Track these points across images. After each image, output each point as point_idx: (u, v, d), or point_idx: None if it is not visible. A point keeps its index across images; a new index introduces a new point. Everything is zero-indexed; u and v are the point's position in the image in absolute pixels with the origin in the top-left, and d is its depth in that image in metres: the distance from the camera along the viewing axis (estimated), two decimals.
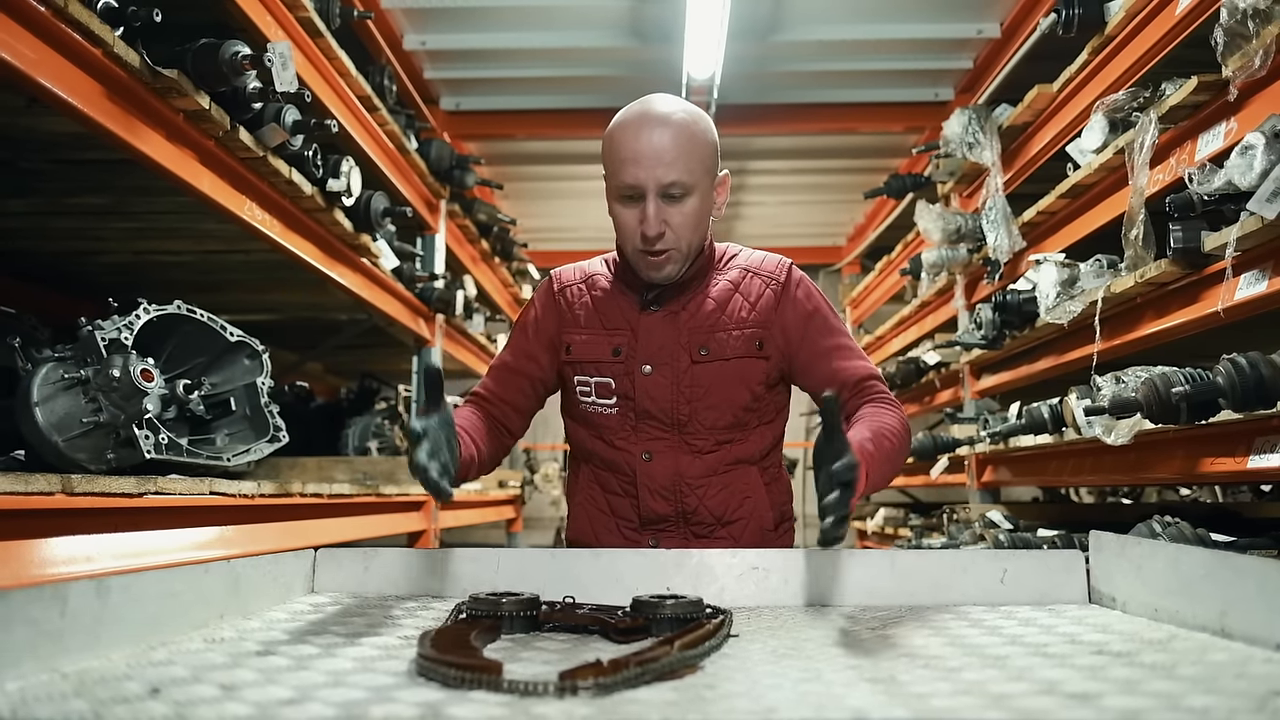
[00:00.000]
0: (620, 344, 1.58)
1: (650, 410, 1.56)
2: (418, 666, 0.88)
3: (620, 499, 1.61)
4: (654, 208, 1.47)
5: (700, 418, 1.56)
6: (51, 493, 1.51)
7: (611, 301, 1.62)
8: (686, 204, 1.50)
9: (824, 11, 4.06)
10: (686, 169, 1.47)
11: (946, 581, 1.34)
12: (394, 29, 4.04)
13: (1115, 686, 0.79)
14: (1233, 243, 2.05)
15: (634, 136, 1.48)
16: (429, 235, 4.14)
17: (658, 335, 1.57)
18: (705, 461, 1.57)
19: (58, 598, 0.89)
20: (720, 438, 1.57)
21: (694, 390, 1.55)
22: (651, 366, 1.56)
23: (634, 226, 1.50)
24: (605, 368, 1.58)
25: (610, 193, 1.54)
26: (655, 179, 1.46)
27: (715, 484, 1.57)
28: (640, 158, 1.46)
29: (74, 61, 1.67)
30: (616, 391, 1.58)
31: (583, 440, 1.64)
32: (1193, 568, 1.08)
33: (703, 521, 1.57)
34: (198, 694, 0.78)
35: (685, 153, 1.48)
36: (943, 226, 3.92)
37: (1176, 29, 2.46)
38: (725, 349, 1.56)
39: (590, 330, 1.62)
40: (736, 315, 1.58)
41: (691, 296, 1.60)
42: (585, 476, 1.66)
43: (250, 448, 2.27)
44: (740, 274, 1.62)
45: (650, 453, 1.57)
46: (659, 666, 0.83)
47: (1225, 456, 2.24)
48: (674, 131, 1.48)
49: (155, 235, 3.02)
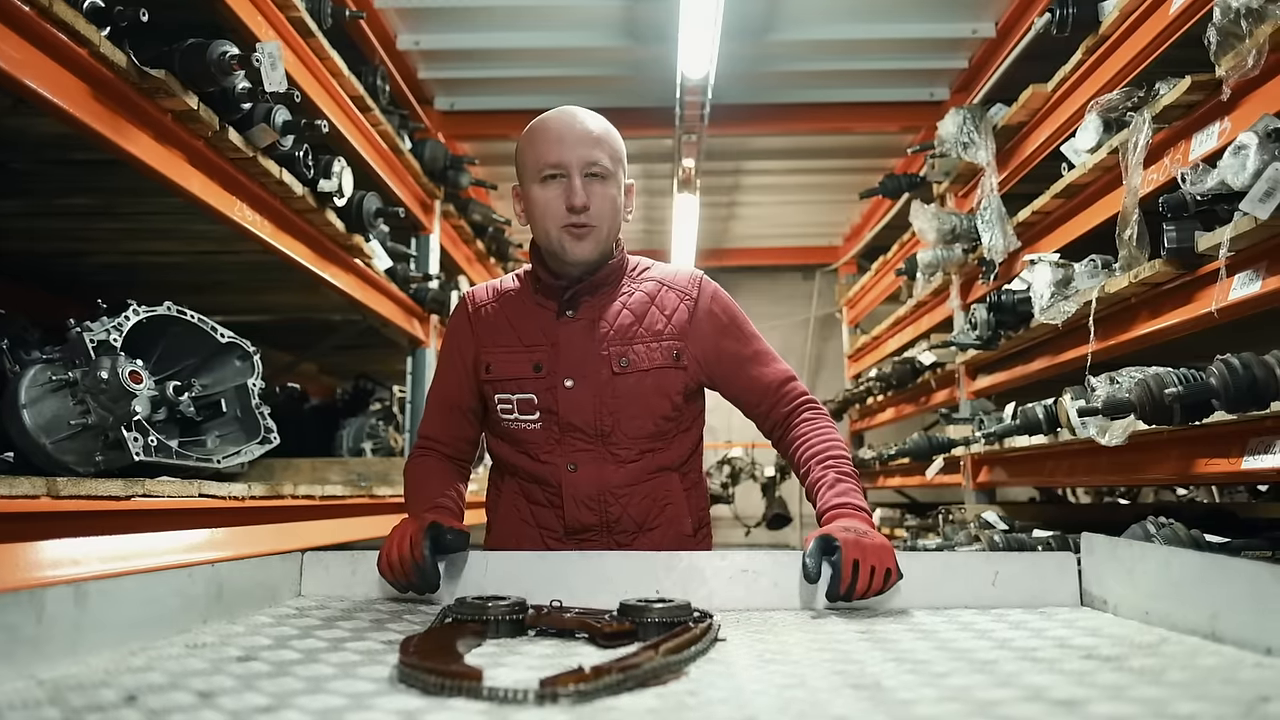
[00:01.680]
0: (540, 359, 1.60)
1: (574, 423, 1.58)
2: (399, 673, 0.87)
3: (544, 509, 1.62)
4: (579, 181, 1.55)
5: (623, 428, 1.59)
6: (36, 496, 1.49)
7: (528, 316, 1.65)
8: (607, 185, 1.58)
9: (818, 11, 4.05)
10: (607, 155, 1.57)
11: (938, 584, 1.33)
12: (387, 29, 4.03)
13: (1102, 692, 0.79)
14: (1226, 243, 2.05)
15: (557, 123, 1.58)
16: (423, 236, 4.13)
17: (577, 347, 1.59)
18: (629, 470, 1.60)
19: (34, 603, 0.88)
20: (643, 447, 1.60)
21: (615, 402, 1.58)
22: (573, 381, 1.58)
23: (558, 203, 1.56)
24: (527, 384, 1.60)
25: (529, 180, 1.59)
26: (579, 157, 1.55)
27: (638, 492, 1.60)
28: (565, 138, 1.56)
29: (60, 62, 1.66)
30: (539, 406, 1.60)
31: (506, 455, 1.66)
32: (1184, 570, 1.07)
33: (625, 529, 1.60)
34: (174, 701, 0.77)
35: (605, 141, 1.58)
36: (938, 226, 3.92)
37: (1170, 28, 2.45)
38: (644, 360, 1.60)
39: (508, 348, 1.63)
40: (653, 328, 1.62)
41: (607, 304, 1.63)
42: (509, 489, 1.67)
43: (241, 449, 2.26)
44: (655, 286, 1.67)
45: (575, 464, 1.59)
46: (642, 673, 0.83)
47: (1219, 457, 2.23)
48: (594, 123, 1.60)
49: (146, 236, 3.00)
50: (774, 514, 7.11)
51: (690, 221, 5.86)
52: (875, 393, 5.51)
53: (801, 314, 7.74)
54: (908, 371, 4.83)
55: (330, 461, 3.52)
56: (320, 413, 4.26)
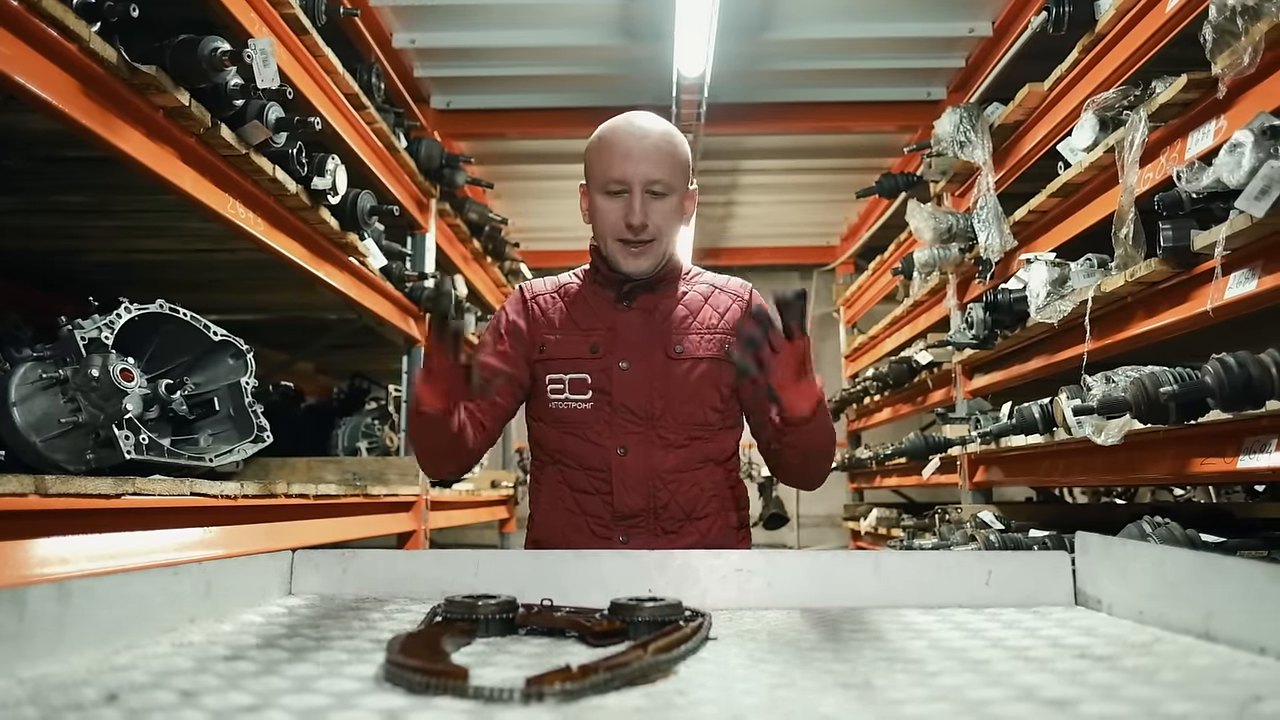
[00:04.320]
0: (597, 341, 1.66)
1: (627, 404, 1.62)
2: (385, 672, 0.86)
3: (590, 497, 1.65)
4: (639, 200, 1.60)
5: (673, 412, 1.63)
6: (24, 494, 1.48)
7: (585, 304, 1.71)
8: (667, 202, 1.63)
9: (815, 9, 4.05)
10: (669, 171, 1.62)
11: (931, 583, 1.33)
12: (383, 27, 4.02)
13: (1094, 692, 0.78)
14: (1222, 241, 2.04)
15: (625, 136, 1.62)
16: (419, 234, 4.12)
17: (634, 331, 1.65)
18: (678, 456, 1.64)
19: (15, 601, 0.87)
20: (692, 433, 1.65)
21: (668, 385, 1.63)
22: (628, 363, 1.63)
23: (618, 218, 1.61)
24: (582, 364, 1.65)
25: (594, 188, 1.64)
26: (642, 174, 1.60)
27: (686, 479, 1.64)
28: (630, 154, 1.60)
29: (49, 57, 1.65)
30: (593, 386, 1.64)
31: (553, 440, 1.68)
32: (1178, 569, 1.07)
33: (673, 517, 1.63)
34: (155, 700, 0.76)
35: (669, 157, 1.63)
36: (934, 226, 3.91)
37: (1166, 27, 2.45)
38: (697, 349, 1.66)
39: (565, 332, 1.69)
40: (707, 322, 1.69)
41: (663, 299, 1.70)
42: (551, 478, 1.70)
43: (234, 448, 2.26)
44: (708, 289, 1.75)
45: (625, 447, 1.62)
46: (630, 672, 0.82)
47: (1215, 457, 2.23)
48: (660, 138, 1.64)
49: (140, 234, 2.99)
50: (771, 514, 7.10)
51: None
52: (872, 392, 5.50)
53: None
54: (904, 371, 4.82)
55: (325, 461, 3.51)
56: (316, 412, 4.25)
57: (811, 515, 7.55)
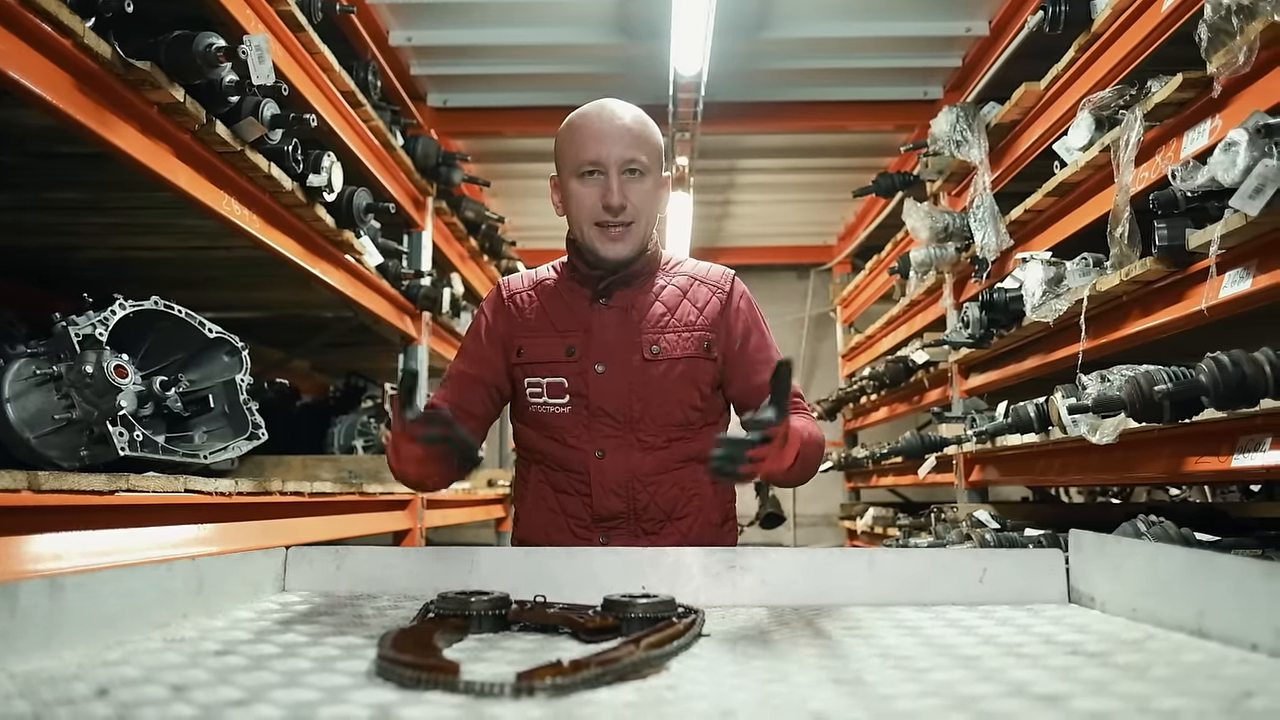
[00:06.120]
0: (574, 344, 1.62)
1: (604, 408, 1.60)
2: (377, 667, 0.86)
3: (571, 498, 1.63)
4: (616, 181, 1.57)
5: (652, 415, 1.60)
6: (17, 490, 1.48)
7: (561, 303, 1.67)
8: (644, 182, 1.60)
9: (812, 8, 4.04)
10: (645, 151, 1.60)
11: (925, 581, 1.33)
12: (379, 24, 4.01)
13: (1086, 688, 0.78)
14: (1216, 240, 2.04)
15: (597, 120, 1.59)
16: (416, 232, 4.11)
17: (610, 333, 1.62)
18: (657, 458, 1.61)
19: (7, 597, 0.87)
20: (671, 435, 1.62)
21: (645, 388, 1.60)
22: (604, 365, 1.60)
23: (595, 201, 1.58)
24: (559, 368, 1.62)
25: (567, 174, 1.61)
26: (618, 155, 1.57)
27: (666, 481, 1.62)
28: (604, 135, 1.57)
29: (43, 52, 1.64)
30: (570, 390, 1.61)
31: (533, 442, 1.67)
32: (1171, 567, 1.07)
33: (653, 518, 1.61)
34: (146, 695, 0.76)
35: (642, 138, 1.60)
36: (930, 225, 3.91)
37: (1162, 26, 2.45)
38: (675, 349, 1.62)
39: (542, 333, 1.65)
40: (685, 319, 1.65)
41: (640, 294, 1.65)
42: (535, 477, 1.69)
43: (229, 445, 2.25)
44: (687, 280, 1.70)
45: (603, 450, 1.60)
46: (620, 667, 0.82)
47: (1210, 456, 2.23)
48: (634, 118, 1.61)
49: (136, 231, 2.99)
50: (767, 513, 7.10)
51: (684, 220, 5.84)
52: (869, 392, 5.51)
53: (796, 313, 7.73)
54: (901, 370, 4.83)
55: (321, 459, 3.51)
56: (312, 410, 4.24)
57: (808, 514, 7.55)
